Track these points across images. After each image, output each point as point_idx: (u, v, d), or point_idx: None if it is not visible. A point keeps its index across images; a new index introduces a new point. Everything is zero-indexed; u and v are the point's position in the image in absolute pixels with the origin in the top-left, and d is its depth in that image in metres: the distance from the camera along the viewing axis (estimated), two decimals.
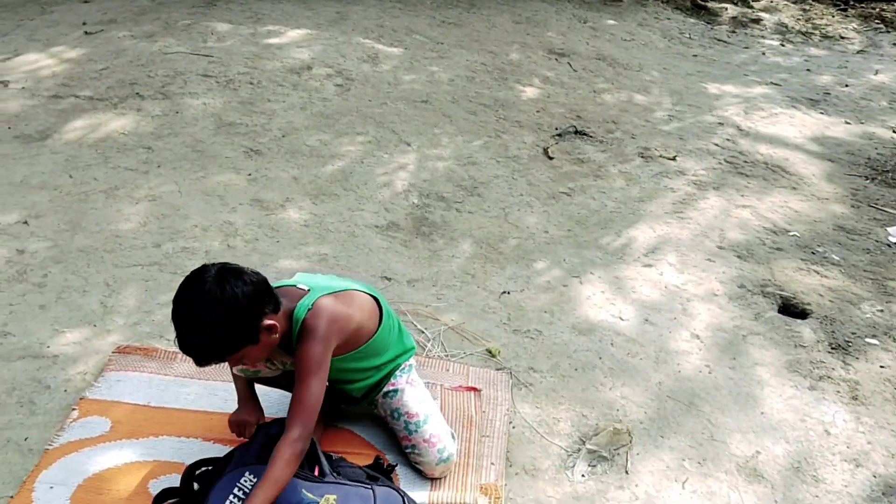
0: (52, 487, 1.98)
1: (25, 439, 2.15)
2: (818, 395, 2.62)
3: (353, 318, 1.99)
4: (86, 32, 5.18)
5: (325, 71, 4.78)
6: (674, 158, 4.31)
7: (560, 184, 3.91)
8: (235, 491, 1.79)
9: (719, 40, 6.93)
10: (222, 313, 1.74)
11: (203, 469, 1.99)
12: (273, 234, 3.20)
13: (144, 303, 2.75)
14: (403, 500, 1.87)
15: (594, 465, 2.23)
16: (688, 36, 6.91)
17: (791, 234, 3.62)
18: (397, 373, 2.17)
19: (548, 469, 2.21)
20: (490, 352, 2.66)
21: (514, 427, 2.35)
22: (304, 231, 3.25)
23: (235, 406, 2.13)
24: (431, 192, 3.67)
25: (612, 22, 6.85)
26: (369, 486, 1.87)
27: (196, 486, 1.96)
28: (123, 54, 4.79)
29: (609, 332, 2.83)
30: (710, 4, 7.81)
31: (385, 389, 2.15)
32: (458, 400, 2.39)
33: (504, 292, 3.01)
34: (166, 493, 1.94)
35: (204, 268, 1.81)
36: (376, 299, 2.13)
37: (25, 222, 3.15)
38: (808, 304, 3.10)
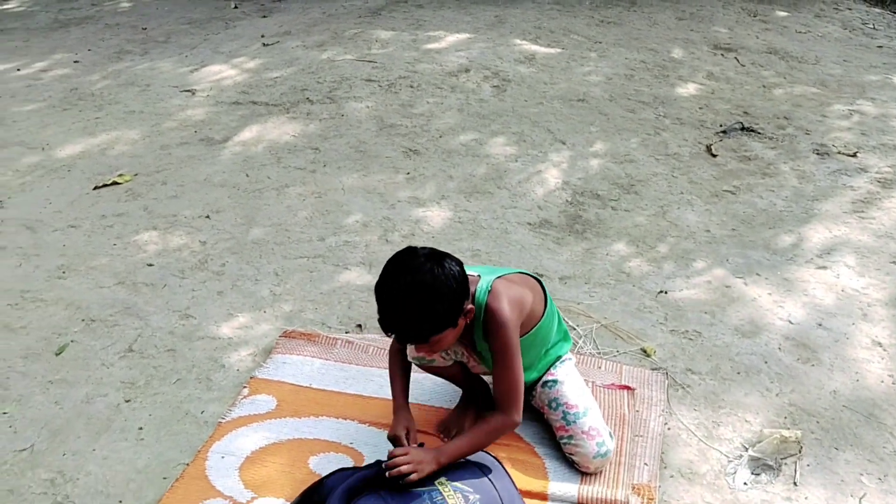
0: (223, 457, 2.13)
1: (202, 412, 2.33)
2: None
3: (527, 297, 2.01)
4: (263, 44, 5.57)
5: (482, 73, 4.84)
6: (854, 155, 3.98)
7: (724, 182, 3.72)
8: None
9: None
10: (438, 294, 1.78)
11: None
12: (428, 230, 3.28)
13: (309, 292, 2.90)
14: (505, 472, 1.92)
15: (758, 474, 2.09)
16: (871, 26, 6.37)
17: None
18: (557, 363, 2.17)
19: (706, 474, 2.10)
20: (645, 351, 2.58)
21: (669, 429, 2.25)
22: (458, 227, 3.30)
23: (389, 390, 2.17)
24: (586, 190, 3.61)
25: (784, 14, 6.45)
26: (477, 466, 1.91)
27: None
28: (296, 63, 5.09)
29: (777, 336, 2.66)
30: None
31: (545, 379, 2.15)
32: (610, 398, 2.33)
33: (661, 291, 2.91)
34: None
35: (414, 250, 1.86)
36: (539, 283, 2.15)
37: (208, 216, 3.42)
38: None
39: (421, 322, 1.79)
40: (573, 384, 2.14)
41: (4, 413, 2.34)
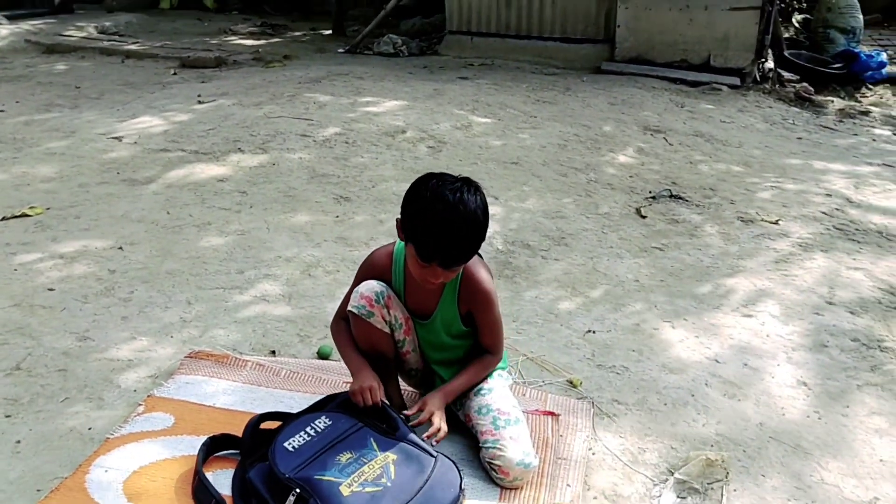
0: (106, 471, 1.91)
1: (89, 429, 2.12)
2: None
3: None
4: (199, 101, 5.53)
5: (418, 134, 4.88)
6: (776, 222, 4.08)
7: (653, 240, 3.75)
8: (308, 429, 1.88)
9: (825, 127, 6.69)
10: (487, 216, 1.93)
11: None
12: (354, 267, 3.16)
13: (221, 320, 2.74)
14: (461, 480, 1.74)
15: (684, 497, 1.98)
16: (791, 122, 6.72)
17: None
18: (494, 374, 2.17)
19: (630, 496, 1.98)
20: (571, 383, 2.48)
21: (593, 454, 2.14)
22: None
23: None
24: (517, 240, 3.59)
25: (709, 106, 6.76)
26: (434, 456, 1.82)
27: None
28: (230, 118, 5.05)
29: (703, 373, 2.60)
30: (815, 98, 7.63)
31: (479, 387, 2.13)
32: (534, 423, 2.21)
33: (589, 331, 2.84)
34: (221, 442, 1.99)
35: (447, 175, 1.92)
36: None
37: (120, 248, 3.25)
38: None
39: (479, 240, 1.90)
40: (506, 395, 2.13)
41: None
